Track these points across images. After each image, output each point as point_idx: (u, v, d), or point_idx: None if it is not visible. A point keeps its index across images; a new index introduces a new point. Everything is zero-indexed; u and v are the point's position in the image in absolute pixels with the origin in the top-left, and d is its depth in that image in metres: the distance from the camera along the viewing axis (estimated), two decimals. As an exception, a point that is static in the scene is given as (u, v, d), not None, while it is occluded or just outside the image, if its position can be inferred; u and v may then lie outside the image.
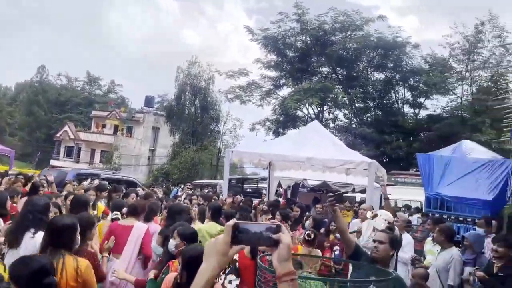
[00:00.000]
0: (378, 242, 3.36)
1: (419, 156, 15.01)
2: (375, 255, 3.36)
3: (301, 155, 8.39)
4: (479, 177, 13.48)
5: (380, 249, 3.33)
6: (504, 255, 4.53)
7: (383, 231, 3.47)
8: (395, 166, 30.07)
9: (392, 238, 3.37)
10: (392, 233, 3.48)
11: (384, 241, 3.34)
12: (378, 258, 3.37)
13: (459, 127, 26.78)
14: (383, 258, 3.37)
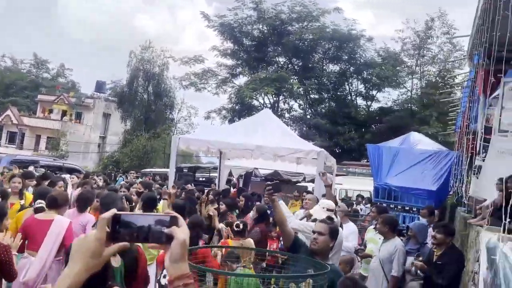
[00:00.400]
0: (317, 233, 3.16)
1: (369, 147, 15.26)
2: (314, 247, 3.15)
3: (250, 143, 8.13)
4: (425, 168, 13.88)
5: (320, 241, 3.12)
6: (442, 242, 4.53)
7: (323, 221, 3.27)
8: (347, 156, 30.70)
9: (332, 229, 3.17)
10: (332, 223, 3.28)
11: (324, 232, 3.14)
12: (317, 250, 3.16)
13: (408, 120, 27.66)
14: (323, 250, 3.17)
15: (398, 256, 4.64)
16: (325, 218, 3.46)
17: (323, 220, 3.29)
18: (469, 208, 10.49)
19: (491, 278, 3.92)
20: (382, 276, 4.64)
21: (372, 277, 4.72)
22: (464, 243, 7.52)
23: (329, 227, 3.15)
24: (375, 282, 4.66)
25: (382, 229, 4.79)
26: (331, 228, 3.16)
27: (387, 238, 4.80)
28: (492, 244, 4.15)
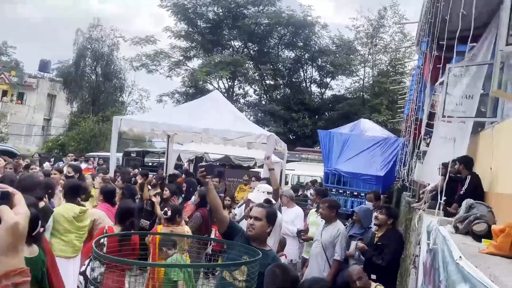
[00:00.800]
0: (253, 218, 2.93)
1: (321, 133, 15.34)
2: (250, 233, 2.92)
3: (198, 126, 7.78)
4: (373, 154, 14.16)
5: (256, 226, 2.90)
6: (383, 223, 4.51)
7: (260, 205, 3.05)
8: (301, 143, 31.00)
9: (269, 213, 2.96)
10: (270, 206, 3.07)
11: (260, 217, 2.92)
12: (254, 236, 2.94)
13: (360, 107, 28.24)
14: (260, 236, 2.95)
15: (341, 240, 4.57)
16: (263, 202, 3.25)
17: (260, 204, 3.07)
18: (413, 193, 10.78)
19: (431, 261, 3.90)
20: (325, 260, 4.55)
21: (314, 261, 4.61)
22: (408, 227, 7.65)
23: (266, 212, 2.93)
24: (317, 266, 4.56)
25: (326, 212, 4.67)
26: (268, 212, 2.94)
27: (329, 222, 4.71)
28: (432, 227, 4.13)
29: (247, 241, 2.97)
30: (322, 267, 4.53)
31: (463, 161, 5.42)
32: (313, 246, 4.72)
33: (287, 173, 19.91)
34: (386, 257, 4.33)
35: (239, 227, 3.03)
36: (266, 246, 2.99)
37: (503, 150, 5.19)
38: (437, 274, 3.39)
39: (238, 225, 3.06)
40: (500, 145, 5.29)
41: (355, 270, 4.18)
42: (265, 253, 2.94)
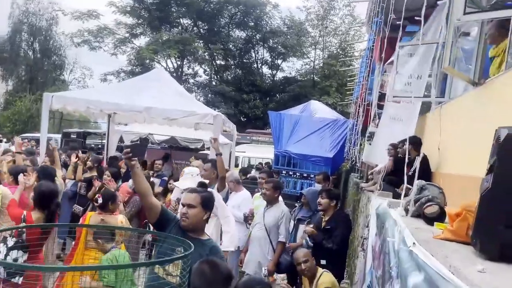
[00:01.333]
0: (186, 206, 2.56)
1: (271, 114, 15.12)
2: (184, 223, 2.55)
3: (138, 104, 7.20)
4: (323, 135, 14.16)
5: (190, 215, 2.54)
6: (327, 207, 4.34)
7: (193, 190, 2.67)
8: (252, 125, 30.77)
9: (204, 198, 2.60)
10: (205, 190, 2.70)
11: (194, 204, 2.56)
12: (188, 227, 2.58)
13: (310, 90, 28.37)
14: (196, 225, 2.59)
15: (285, 221, 4.36)
16: (197, 186, 2.88)
17: (193, 189, 2.69)
18: (362, 174, 10.88)
19: (380, 245, 3.73)
20: (268, 244, 4.32)
21: (257, 245, 4.36)
22: (356, 208, 7.62)
23: (200, 197, 2.57)
24: (260, 250, 4.30)
25: (270, 194, 4.40)
26: (203, 197, 2.58)
27: (271, 204, 4.47)
28: (382, 209, 3.95)
29: (182, 231, 2.60)
30: (266, 251, 4.29)
31: (412, 141, 5.33)
32: (255, 229, 4.45)
33: (237, 155, 19.66)
34: (336, 239, 4.15)
35: (173, 215, 2.65)
36: (204, 235, 2.64)
37: (450, 130, 5.15)
38: (387, 260, 3.19)
39: (171, 213, 2.67)
40: (448, 125, 5.25)
41: (302, 252, 3.97)
42: (202, 243, 2.59)
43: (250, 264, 4.32)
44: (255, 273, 4.32)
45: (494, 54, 4.15)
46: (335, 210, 4.38)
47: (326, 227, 4.25)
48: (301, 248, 4.20)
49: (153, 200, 2.52)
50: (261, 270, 4.26)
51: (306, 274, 3.66)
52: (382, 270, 3.40)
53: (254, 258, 4.31)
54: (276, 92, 31.93)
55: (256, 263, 4.31)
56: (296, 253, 3.91)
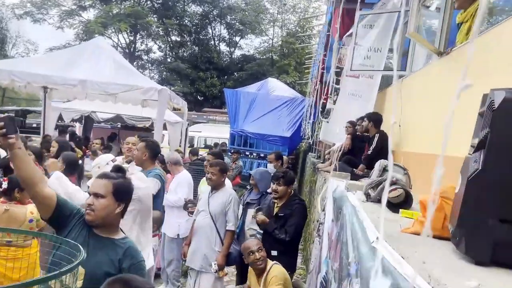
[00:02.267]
0: (93, 195, 1.97)
1: (227, 92, 14.49)
2: (89, 217, 1.96)
3: (73, 77, 6.37)
4: (280, 114, 13.71)
5: (98, 207, 1.95)
6: (284, 194, 3.82)
7: (103, 176, 2.06)
8: (209, 104, 29.94)
9: (118, 186, 2.01)
10: (122, 176, 2.10)
11: (103, 193, 1.97)
12: (95, 222, 1.99)
13: (269, 68, 27.84)
14: (105, 220, 2.01)
15: (233, 206, 3.80)
16: (112, 168, 2.27)
17: (103, 174, 2.07)
18: (319, 154, 10.57)
19: (337, 233, 3.30)
20: (215, 233, 3.75)
21: (202, 235, 3.78)
22: (312, 189, 7.25)
23: (112, 184, 1.98)
24: (206, 240, 3.73)
25: (217, 178, 3.81)
26: (115, 185, 1.99)
27: (217, 188, 3.89)
28: (339, 193, 3.52)
29: (88, 228, 2.01)
30: (213, 241, 3.73)
31: (371, 118, 4.95)
32: (199, 218, 3.87)
33: (192, 135, 18.93)
34: (290, 229, 3.66)
35: (75, 207, 2.04)
36: (117, 233, 2.06)
37: (412, 104, 4.79)
38: (345, 252, 2.74)
39: (72, 205, 2.05)
40: (409, 100, 4.89)
41: (255, 241, 3.48)
42: (114, 244, 2.01)
43: (195, 257, 3.76)
44: (201, 267, 3.81)
45: (461, 19, 3.74)
46: (291, 195, 3.88)
47: (279, 214, 3.75)
48: (252, 238, 3.71)
49: (44, 190, 1.90)
50: (207, 264, 3.72)
51: (259, 266, 3.18)
52: (339, 264, 2.97)
53: (199, 251, 3.75)
54: (234, 70, 31.13)
55: (201, 256, 3.75)
56: (247, 242, 3.41)
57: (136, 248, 2.09)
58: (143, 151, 3.86)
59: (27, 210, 3.21)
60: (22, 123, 14.20)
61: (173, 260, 4.74)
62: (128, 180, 2.10)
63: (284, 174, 3.83)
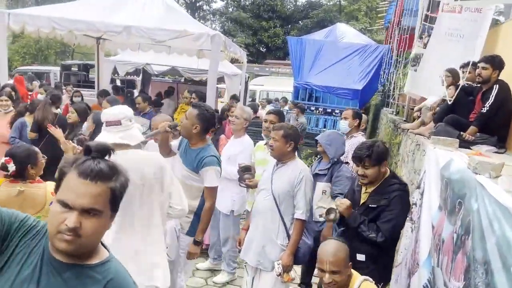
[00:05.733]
0: (80, 213, 1.08)
1: (291, 40, 13.17)
2: (69, 247, 1.08)
3: (115, 23, 5.60)
4: (350, 64, 12.19)
5: (90, 230, 1.07)
6: (377, 177, 2.67)
7: (100, 174, 1.14)
8: (272, 55, 28.64)
9: (116, 189, 1.10)
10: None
11: (100, 208, 1.08)
12: (79, 251, 1.12)
13: (336, 15, 25.73)
14: (95, 243, 1.13)
15: (305, 189, 2.74)
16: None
17: (95, 172, 1.13)
18: (398, 109, 9.16)
19: (456, 235, 2.24)
20: (278, 221, 2.80)
21: (261, 221, 2.82)
22: (394, 154, 6.06)
23: (110, 189, 1.07)
24: (266, 229, 2.77)
25: (280, 146, 2.78)
26: (114, 189, 1.09)
27: (283, 161, 2.84)
28: (457, 173, 2.40)
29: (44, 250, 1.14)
30: (275, 231, 2.79)
31: (495, 62, 3.61)
32: (259, 197, 2.92)
33: (253, 89, 17.98)
34: (385, 226, 2.54)
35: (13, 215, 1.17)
36: (95, 255, 1.18)
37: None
38: (481, 279, 1.70)
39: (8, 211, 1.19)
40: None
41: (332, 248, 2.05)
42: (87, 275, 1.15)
43: (251, 250, 2.86)
44: (258, 264, 2.87)
45: None
46: (387, 176, 2.69)
47: (369, 205, 2.63)
48: (340, 245, 2.29)
49: None
50: (266, 261, 2.79)
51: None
52: (465, 284, 1.93)
53: (256, 242, 2.82)
54: (298, 19, 29.20)
55: (259, 250, 2.85)
56: (322, 246, 2.20)
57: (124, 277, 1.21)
58: (193, 122, 2.89)
59: (46, 190, 2.47)
60: (85, 77, 14.05)
61: (229, 238, 3.97)
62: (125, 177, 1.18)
63: (369, 149, 2.60)
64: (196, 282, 4.02)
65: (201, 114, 2.91)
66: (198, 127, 2.91)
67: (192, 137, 2.97)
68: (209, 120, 2.98)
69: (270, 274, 2.81)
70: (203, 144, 3.00)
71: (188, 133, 2.96)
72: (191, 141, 3.00)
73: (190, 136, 2.97)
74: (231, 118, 4.11)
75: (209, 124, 3.01)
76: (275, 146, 2.86)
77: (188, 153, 3.02)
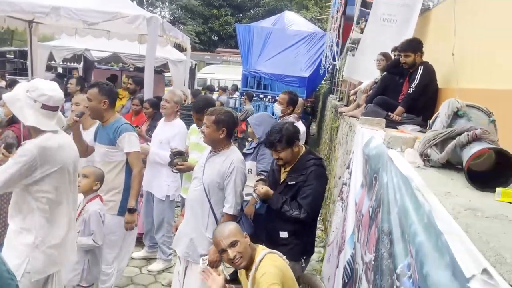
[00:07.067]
0: None
1: (239, 27, 13.05)
2: None
3: (42, 3, 5.25)
4: (298, 52, 12.28)
5: None
6: (292, 157, 2.68)
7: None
8: (224, 44, 28.35)
9: None
10: None
11: None
12: None
13: (287, 3, 25.81)
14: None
15: (235, 180, 2.61)
16: None
17: None
18: (341, 95, 9.34)
19: (371, 209, 2.27)
20: (208, 212, 2.68)
21: (190, 213, 2.71)
22: (334, 138, 6.17)
23: None
24: (195, 220, 2.65)
25: (212, 132, 2.63)
26: None
27: (217, 148, 2.71)
28: (375, 149, 2.44)
29: None
30: (204, 223, 2.66)
31: (415, 46, 3.71)
32: (192, 186, 2.80)
33: (204, 77, 17.76)
34: (305, 202, 2.56)
35: None
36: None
37: (472, 25, 3.54)
38: (386, 249, 1.74)
39: None
40: (467, 20, 3.63)
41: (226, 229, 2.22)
42: None
43: (181, 240, 2.74)
44: (186, 255, 2.75)
45: None
46: (303, 153, 2.76)
47: (288, 182, 2.64)
48: (227, 222, 2.35)
49: None
50: (195, 254, 2.67)
51: (240, 264, 2.11)
52: (375, 259, 1.97)
53: (187, 232, 2.72)
54: (249, 7, 29.04)
55: (187, 241, 2.73)
56: (216, 231, 2.22)
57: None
58: (99, 99, 2.95)
59: None
60: (22, 65, 13.21)
61: (164, 223, 3.86)
62: None
63: (279, 133, 2.65)
64: (130, 272, 3.90)
65: (102, 89, 2.97)
66: (106, 102, 2.99)
67: (103, 114, 3.03)
68: (112, 93, 3.08)
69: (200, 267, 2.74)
70: (115, 118, 3.10)
71: (98, 111, 3.02)
72: (103, 119, 3.07)
73: (100, 113, 3.03)
74: (162, 102, 3.99)
75: (114, 96, 3.12)
76: (206, 132, 2.69)
77: (102, 131, 3.09)
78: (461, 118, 1.75)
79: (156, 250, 4.11)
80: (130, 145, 2.97)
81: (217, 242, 2.12)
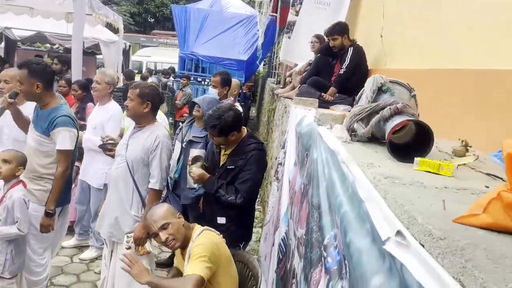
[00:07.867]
0: None
1: (175, 9, 12.64)
2: None
3: None
4: (236, 35, 12.17)
5: None
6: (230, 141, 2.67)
7: None
8: (161, 26, 27.44)
9: None
10: None
11: None
12: None
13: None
14: None
15: (161, 154, 2.59)
16: None
17: None
18: (279, 78, 9.44)
19: (302, 185, 2.32)
20: (132, 189, 2.60)
21: (114, 190, 2.62)
22: (271, 120, 6.23)
23: None
24: (119, 198, 2.57)
25: (134, 106, 2.56)
26: None
27: (141, 124, 2.64)
28: (306, 127, 2.48)
29: None
30: (128, 201, 2.58)
31: (336, 30, 3.80)
32: (114, 165, 2.74)
33: (140, 60, 17.12)
34: (243, 187, 2.56)
35: None
36: None
37: (398, 9, 3.69)
38: (315, 222, 1.78)
39: None
40: (394, 4, 3.78)
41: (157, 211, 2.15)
42: None
43: (104, 221, 2.63)
44: (111, 235, 2.67)
45: None
46: (244, 137, 2.74)
47: (227, 166, 2.66)
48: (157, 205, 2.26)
49: None
50: (119, 231, 2.63)
51: (174, 246, 2.05)
52: (306, 233, 2.01)
53: (110, 212, 2.66)
54: (186, -11, 28.25)
55: (111, 220, 2.65)
56: (148, 215, 2.13)
57: None
58: (31, 81, 2.60)
59: None
60: None
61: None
62: None
63: (218, 120, 2.61)
64: (60, 261, 3.70)
65: (33, 70, 2.63)
66: (39, 85, 2.65)
67: (39, 98, 2.72)
68: (46, 73, 2.72)
69: (126, 247, 2.65)
70: (55, 104, 2.74)
71: (33, 96, 2.69)
72: (42, 102, 2.74)
73: (36, 97, 2.72)
74: (93, 84, 3.77)
75: (49, 76, 2.76)
76: (130, 106, 2.63)
77: (40, 116, 2.75)
78: (385, 93, 1.81)
79: (87, 238, 3.93)
80: (62, 143, 2.68)
81: (148, 225, 2.07)
